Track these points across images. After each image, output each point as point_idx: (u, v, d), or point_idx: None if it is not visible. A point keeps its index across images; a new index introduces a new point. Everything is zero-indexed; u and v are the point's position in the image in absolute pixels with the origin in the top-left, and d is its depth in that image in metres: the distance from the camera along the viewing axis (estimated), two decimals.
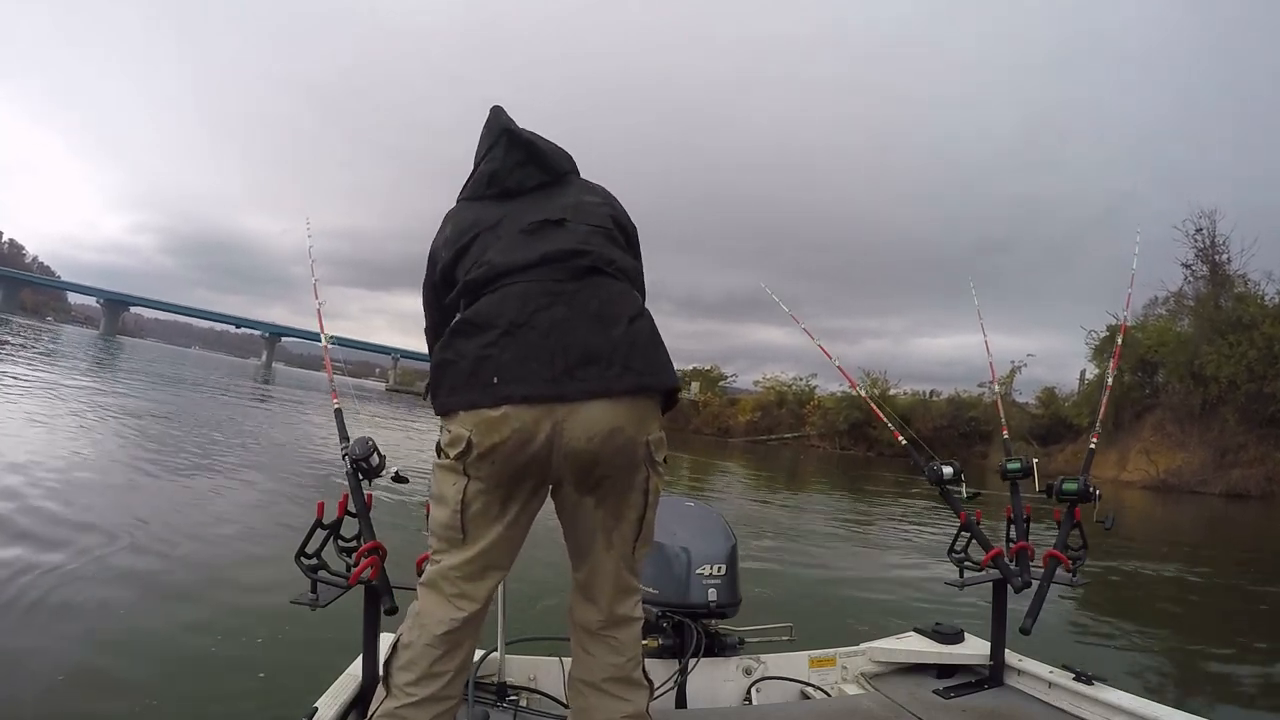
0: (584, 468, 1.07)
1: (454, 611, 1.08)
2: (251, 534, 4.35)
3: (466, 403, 1.06)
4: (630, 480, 1.12)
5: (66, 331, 59.99)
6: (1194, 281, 25.40)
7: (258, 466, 6.97)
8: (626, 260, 1.23)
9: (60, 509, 4.13)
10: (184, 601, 3.07)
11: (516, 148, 1.29)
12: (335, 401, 1.65)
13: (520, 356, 1.04)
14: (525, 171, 1.29)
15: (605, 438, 1.04)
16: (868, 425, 28.69)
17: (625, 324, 1.10)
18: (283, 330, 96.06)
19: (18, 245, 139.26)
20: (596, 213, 1.26)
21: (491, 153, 1.30)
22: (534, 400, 1.03)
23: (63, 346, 27.07)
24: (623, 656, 1.17)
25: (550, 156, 1.32)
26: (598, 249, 1.18)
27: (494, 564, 1.11)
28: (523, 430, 1.03)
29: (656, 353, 1.12)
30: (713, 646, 1.80)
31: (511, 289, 1.11)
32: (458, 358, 1.08)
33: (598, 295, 1.12)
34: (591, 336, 1.07)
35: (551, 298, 1.09)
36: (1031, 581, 1.64)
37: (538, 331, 1.06)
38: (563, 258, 1.14)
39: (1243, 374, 20.82)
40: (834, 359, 2.36)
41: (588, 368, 1.04)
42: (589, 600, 1.18)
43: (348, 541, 1.33)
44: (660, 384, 1.10)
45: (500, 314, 1.08)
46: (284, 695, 2.18)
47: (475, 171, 1.33)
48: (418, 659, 1.07)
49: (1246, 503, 18.56)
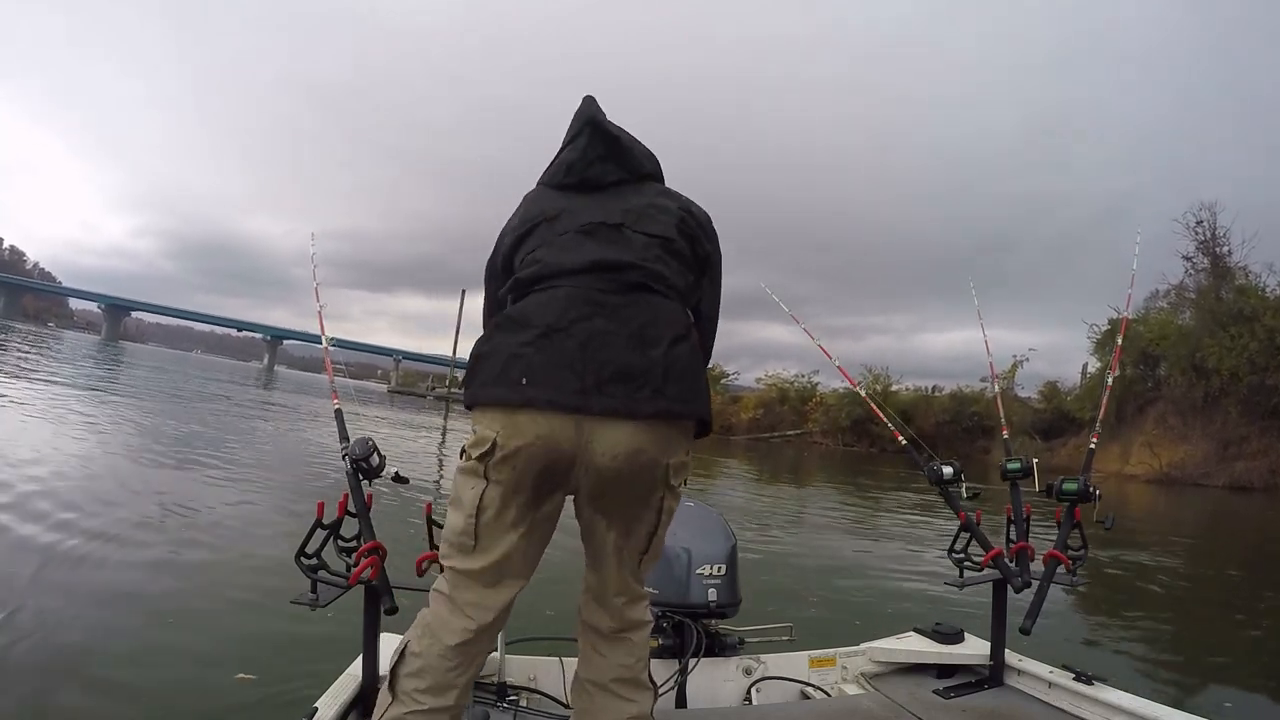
0: (602, 484, 1.06)
1: (467, 622, 1.06)
2: (251, 534, 4.35)
3: (494, 398, 1.04)
4: (646, 500, 1.11)
5: (68, 337, 60.15)
6: (1195, 274, 25.39)
7: (258, 468, 6.97)
8: (681, 277, 1.19)
9: (59, 509, 4.13)
10: (183, 601, 3.07)
11: (599, 140, 1.25)
12: (335, 402, 1.65)
13: (552, 362, 1.02)
14: (605, 166, 1.25)
15: (628, 458, 1.03)
16: (870, 422, 28.55)
17: (665, 346, 1.07)
18: (284, 333, 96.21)
19: (18, 251, 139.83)
20: (660, 220, 1.21)
21: (575, 141, 1.27)
22: (558, 408, 1.01)
23: (64, 353, 27.09)
24: (633, 658, 1.17)
25: (633, 154, 1.28)
26: (650, 264, 1.14)
27: (509, 574, 1.09)
28: (548, 437, 1.01)
29: (693, 381, 1.09)
30: (713, 646, 1.80)
31: (557, 291, 1.09)
32: (494, 352, 1.07)
33: (642, 314, 1.08)
34: (628, 355, 1.04)
35: (594, 308, 1.07)
36: (1031, 581, 1.63)
37: (575, 340, 1.03)
38: (612, 268, 1.11)
39: (1244, 366, 20.77)
40: (834, 358, 2.36)
41: (617, 385, 1.02)
42: (601, 604, 1.18)
43: (348, 541, 1.32)
44: (689, 413, 1.08)
45: (541, 315, 1.06)
46: (284, 695, 2.17)
47: (556, 158, 1.30)
48: (428, 668, 1.05)
49: (1250, 495, 18.51)
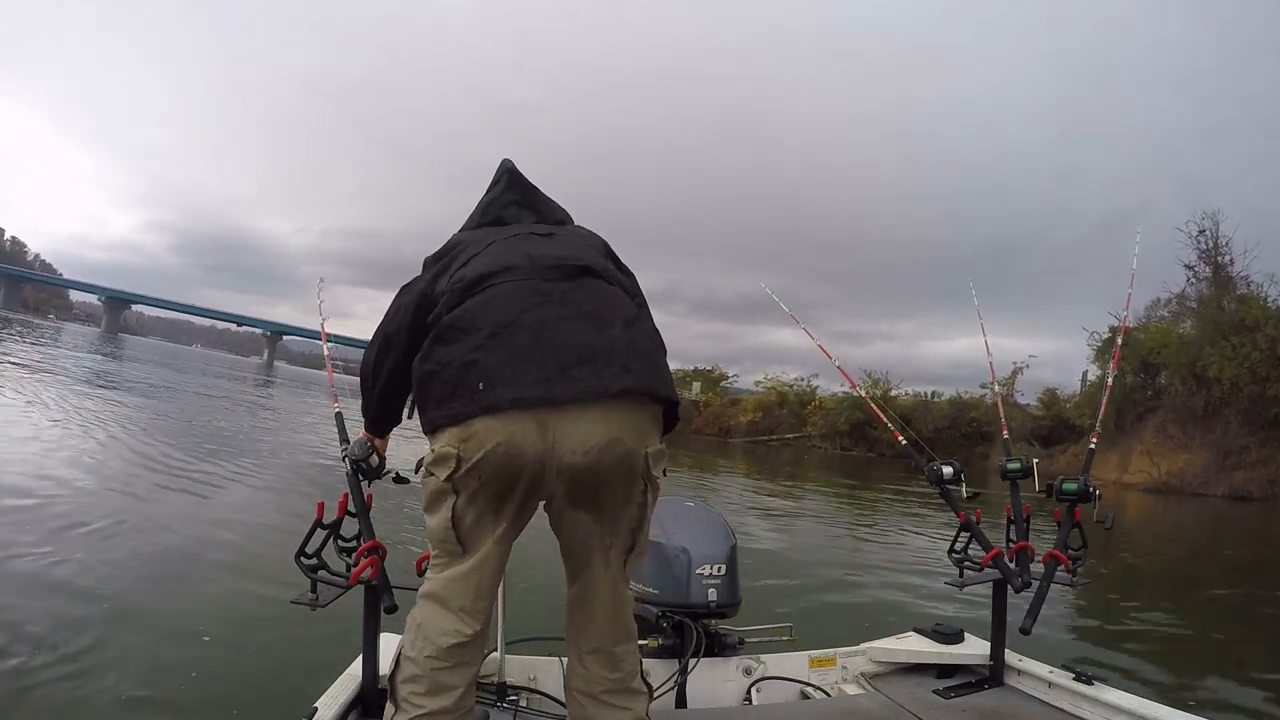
0: (579, 482, 1.00)
1: (458, 624, 1.04)
2: (251, 534, 4.35)
3: (452, 416, 0.98)
4: (628, 494, 1.05)
5: (68, 329, 60.12)
6: (1196, 283, 25.39)
7: (257, 468, 6.96)
8: (622, 276, 1.19)
9: (57, 510, 4.14)
10: (183, 602, 3.07)
11: (515, 188, 1.36)
12: (336, 405, 1.66)
13: (509, 358, 0.98)
14: (520, 211, 1.33)
15: (603, 450, 0.98)
16: (869, 426, 28.59)
17: (621, 325, 1.04)
18: (284, 329, 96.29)
19: (20, 243, 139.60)
20: (585, 237, 1.29)
21: (492, 189, 1.37)
22: (524, 405, 0.96)
23: (62, 345, 27.07)
24: (621, 671, 1.14)
25: (546, 203, 1.38)
26: (589, 256, 1.15)
27: (493, 574, 1.07)
28: (509, 442, 0.96)
29: (657, 358, 1.07)
30: (713, 646, 1.80)
31: (498, 289, 1.06)
32: (440, 367, 1.01)
33: (592, 295, 1.07)
34: (586, 335, 1.00)
35: (541, 297, 1.04)
36: (1031, 582, 1.63)
37: (527, 331, 0.99)
38: (550, 261, 1.10)
39: (1245, 376, 20.75)
40: (834, 359, 2.36)
41: (582, 367, 0.97)
42: (586, 616, 1.13)
43: (348, 541, 1.32)
44: (659, 391, 1.03)
45: (486, 316, 1.02)
46: (284, 695, 2.17)
47: (475, 206, 1.39)
48: (423, 673, 1.03)
49: (1249, 505, 18.49)
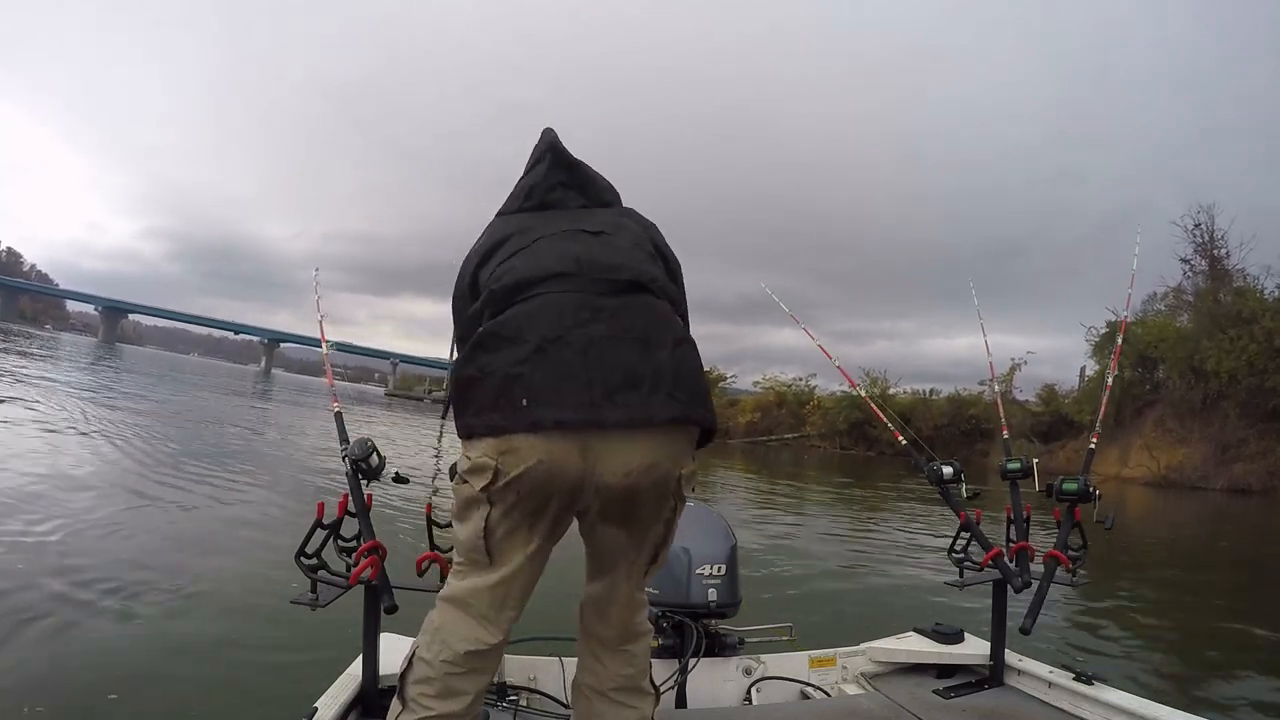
0: (615, 500, 1.01)
1: (481, 632, 1.03)
2: (251, 534, 4.34)
3: (491, 427, 0.97)
4: (659, 513, 1.07)
5: (65, 340, 60.03)
6: (1193, 277, 25.48)
7: (257, 470, 6.95)
8: (668, 282, 1.15)
9: (56, 511, 4.12)
10: (183, 602, 3.06)
11: (560, 167, 1.25)
12: (335, 405, 1.66)
13: (554, 376, 0.96)
14: (566, 193, 1.24)
15: (642, 473, 0.98)
16: (868, 425, 28.62)
17: (670, 348, 1.02)
18: (281, 336, 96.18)
19: (16, 253, 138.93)
20: (634, 231, 1.20)
21: (536, 168, 1.25)
22: (567, 426, 0.94)
23: (57, 356, 27.03)
24: (634, 668, 1.16)
25: (594, 183, 1.28)
26: (640, 265, 1.10)
27: (522, 586, 1.06)
28: (552, 460, 0.95)
29: (701, 384, 1.06)
30: (713, 646, 1.80)
31: (545, 299, 1.02)
32: (482, 374, 0.99)
33: (641, 315, 1.04)
34: (634, 358, 0.99)
35: (591, 312, 1.00)
36: (1031, 582, 1.63)
37: (574, 349, 0.97)
38: (601, 270, 1.06)
39: (1243, 369, 20.81)
40: (834, 359, 2.36)
41: (629, 392, 0.96)
42: (603, 615, 1.15)
43: (347, 541, 1.32)
44: (703, 421, 1.04)
45: (532, 327, 0.99)
46: (284, 695, 2.17)
47: (515, 186, 1.28)
48: (436, 676, 1.02)
49: (1248, 498, 18.54)
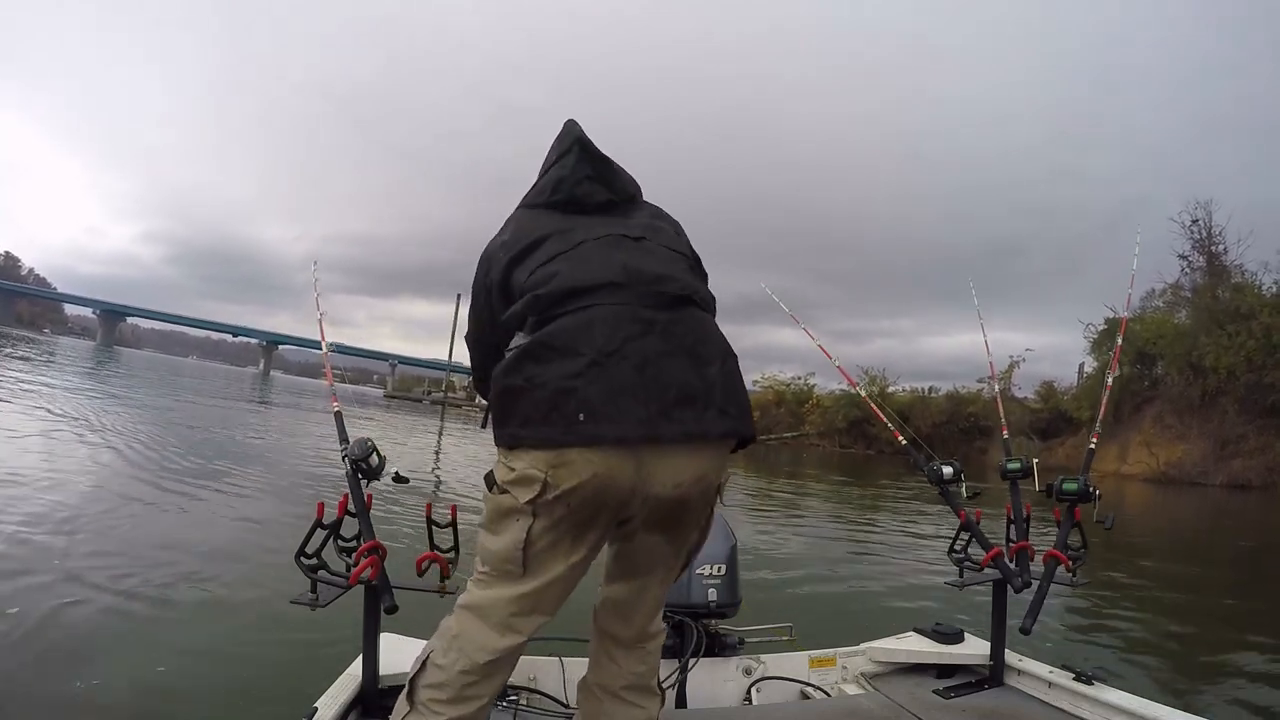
0: (662, 510, 1.03)
1: (499, 641, 1.02)
2: (251, 535, 4.34)
3: (542, 439, 0.96)
4: (699, 520, 1.11)
5: (63, 343, 59.99)
6: (1191, 273, 25.56)
7: (256, 471, 6.94)
8: (709, 295, 1.16)
9: (56, 512, 4.10)
10: (183, 602, 3.06)
11: (588, 161, 1.22)
12: (335, 405, 1.66)
13: (610, 391, 0.94)
14: (593, 186, 1.21)
15: (692, 484, 1.01)
16: (867, 423, 28.67)
17: (719, 363, 1.03)
18: (280, 338, 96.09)
19: (14, 257, 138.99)
20: (669, 235, 1.21)
21: (562, 160, 1.22)
22: (626, 443, 0.95)
23: (53, 361, 27.00)
24: (646, 665, 1.18)
25: (620, 177, 1.27)
26: (684, 276, 1.11)
27: (549, 599, 1.04)
28: (607, 475, 0.95)
29: (746, 399, 1.08)
30: (713, 646, 1.80)
31: (597, 310, 1.00)
32: (531, 385, 0.97)
33: (692, 330, 1.04)
34: (687, 374, 0.99)
35: (644, 326, 1.00)
36: (1031, 581, 1.63)
37: (630, 364, 0.96)
38: (648, 281, 1.05)
39: (1242, 364, 20.87)
40: (834, 358, 2.36)
41: (684, 408, 0.97)
42: (625, 618, 1.16)
43: (347, 541, 1.32)
44: (748, 431, 1.06)
45: (587, 340, 0.97)
46: (284, 695, 2.16)
47: (540, 178, 1.26)
48: (452, 681, 1.02)
49: (1248, 493, 18.57)
